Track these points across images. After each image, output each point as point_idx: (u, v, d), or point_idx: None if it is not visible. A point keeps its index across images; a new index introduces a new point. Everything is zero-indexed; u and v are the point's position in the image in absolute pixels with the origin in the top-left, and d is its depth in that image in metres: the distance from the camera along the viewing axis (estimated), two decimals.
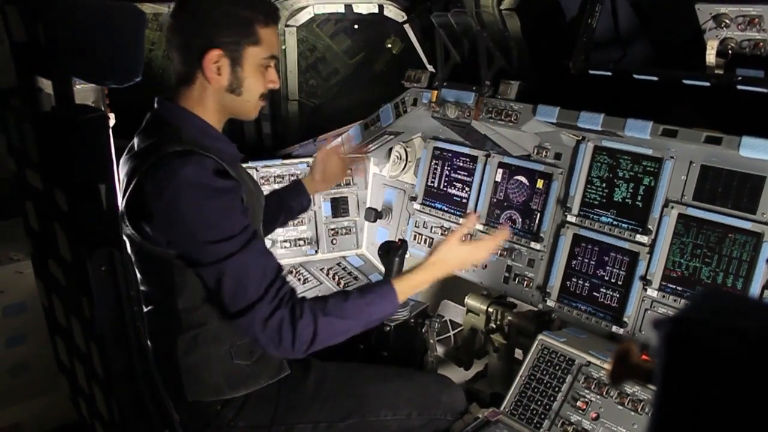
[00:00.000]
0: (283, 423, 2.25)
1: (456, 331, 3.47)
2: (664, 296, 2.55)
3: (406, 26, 3.44)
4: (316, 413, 2.27)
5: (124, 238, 2.07)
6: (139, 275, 2.16)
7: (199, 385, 2.17)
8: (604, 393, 2.41)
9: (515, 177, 3.12)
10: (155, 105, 2.20)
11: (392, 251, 2.59)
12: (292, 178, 3.68)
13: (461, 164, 3.37)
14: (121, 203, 2.06)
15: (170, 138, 2.05)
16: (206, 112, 2.18)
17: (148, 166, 1.98)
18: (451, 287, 3.75)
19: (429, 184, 3.51)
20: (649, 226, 2.62)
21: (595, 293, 2.77)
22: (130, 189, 2.02)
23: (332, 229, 3.79)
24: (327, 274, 3.65)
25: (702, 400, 0.79)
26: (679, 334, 0.83)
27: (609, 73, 2.61)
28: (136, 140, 2.17)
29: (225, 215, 2.01)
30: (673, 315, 0.85)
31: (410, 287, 2.24)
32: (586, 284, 2.81)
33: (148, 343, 2.10)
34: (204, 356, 2.14)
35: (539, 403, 2.51)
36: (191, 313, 2.10)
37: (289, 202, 2.95)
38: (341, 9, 3.98)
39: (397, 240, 2.65)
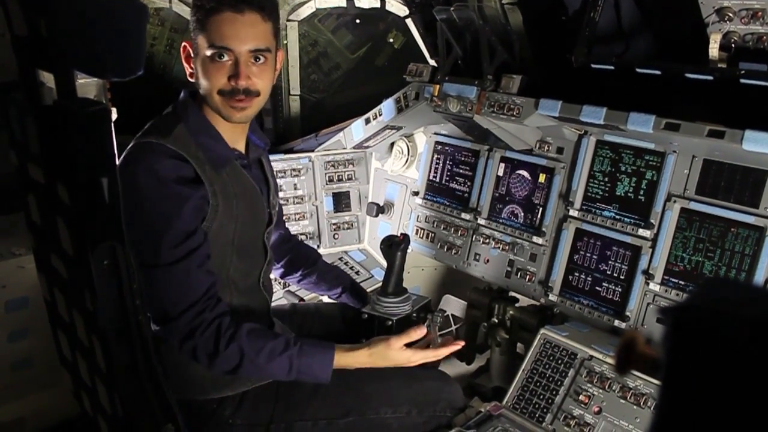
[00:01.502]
0: (282, 420, 2.24)
1: (458, 325, 3.47)
2: (666, 290, 2.55)
3: (408, 20, 3.44)
4: (315, 410, 2.26)
5: None
6: None
7: (186, 383, 2.16)
8: (607, 387, 2.40)
9: (517, 171, 3.11)
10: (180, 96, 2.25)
11: (394, 246, 2.59)
12: (294, 173, 3.68)
13: (463, 159, 3.36)
14: None
15: (160, 128, 2.12)
16: (209, 111, 2.19)
17: (126, 150, 2.08)
18: (453, 282, 3.76)
19: (431, 178, 3.50)
20: (652, 221, 2.61)
21: (597, 287, 2.77)
22: None
23: (334, 224, 3.79)
24: None
25: (708, 388, 0.79)
26: (685, 322, 0.82)
27: (611, 67, 2.60)
28: None
29: (164, 221, 1.99)
30: (680, 303, 0.85)
31: (347, 364, 2.25)
32: (588, 278, 2.80)
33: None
34: (183, 357, 2.11)
35: (541, 397, 2.51)
36: None
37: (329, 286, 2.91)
38: (343, 3, 3.99)
39: (399, 235, 2.64)
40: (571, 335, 2.60)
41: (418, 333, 2.39)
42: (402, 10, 3.44)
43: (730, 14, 2.21)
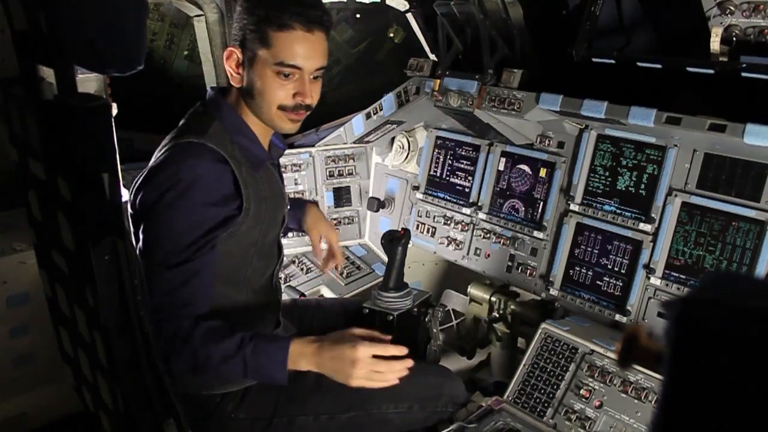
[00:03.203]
0: (284, 415, 2.24)
1: (459, 320, 3.47)
2: (667, 285, 2.55)
3: (409, 15, 3.42)
4: (317, 405, 2.26)
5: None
6: None
7: (189, 378, 2.16)
8: (608, 381, 2.41)
9: (518, 166, 3.11)
10: (207, 95, 2.25)
11: (395, 241, 2.59)
12: (295, 168, 3.68)
13: (464, 153, 3.36)
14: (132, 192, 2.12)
15: (195, 127, 2.12)
16: (246, 114, 2.19)
17: (163, 150, 2.09)
18: (454, 277, 3.76)
19: (432, 173, 3.50)
20: (653, 215, 2.61)
21: (598, 282, 2.77)
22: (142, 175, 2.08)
23: (335, 219, 3.79)
24: None
25: (712, 382, 0.79)
26: (689, 314, 0.82)
27: (612, 61, 2.60)
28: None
29: (184, 223, 2.01)
30: (683, 296, 0.85)
31: (299, 365, 2.05)
32: (589, 273, 2.80)
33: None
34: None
35: (542, 391, 2.51)
36: None
37: None
38: None
39: (399, 229, 2.64)
40: (572, 330, 2.60)
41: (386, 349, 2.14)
42: (402, 5, 3.43)
43: (732, 7, 2.21)
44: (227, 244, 2.12)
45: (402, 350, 2.12)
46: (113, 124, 1.46)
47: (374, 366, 2.05)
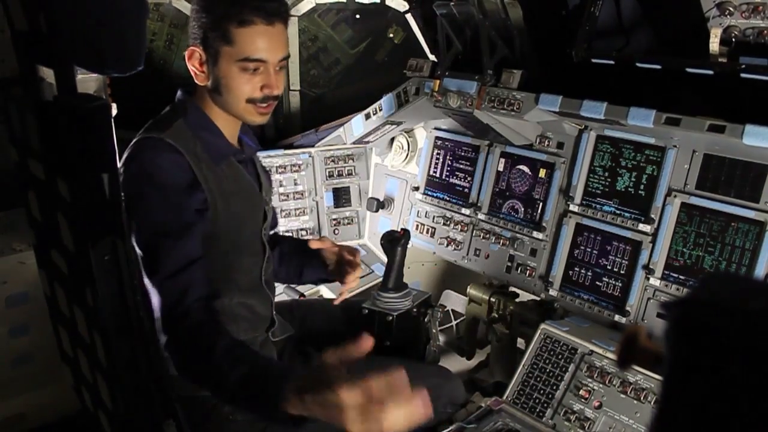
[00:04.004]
0: None
1: (458, 320, 3.48)
2: (666, 285, 2.55)
3: (408, 16, 3.43)
4: None
5: None
6: None
7: (189, 379, 2.15)
8: (607, 382, 2.41)
9: (517, 166, 3.11)
10: (176, 96, 2.26)
11: (394, 241, 2.60)
12: (294, 169, 3.68)
13: (463, 154, 3.36)
14: None
15: (159, 125, 2.14)
16: (212, 110, 2.20)
17: (128, 148, 2.12)
18: (453, 277, 3.76)
19: (431, 173, 3.50)
20: (652, 215, 2.61)
21: (597, 282, 2.77)
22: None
23: (334, 219, 3.79)
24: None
25: (712, 383, 0.79)
26: (688, 316, 0.82)
27: (612, 62, 2.60)
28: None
29: (159, 211, 2.02)
30: (682, 297, 0.85)
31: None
32: (588, 273, 2.81)
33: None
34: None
35: (542, 392, 2.51)
36: None
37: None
38: None
39: (399, 230, 2.65)
40: (571, 330, 2.60)
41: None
42: (402, 5, 3.43)
43: (731, 8, 2.21)
44: (204, 245, 2.11)
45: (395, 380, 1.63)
46: (113, 124, 1.46)
47: (369, 411, 1.54)
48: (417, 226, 3.52)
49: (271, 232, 2.61)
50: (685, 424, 0.83)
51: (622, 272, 2.70)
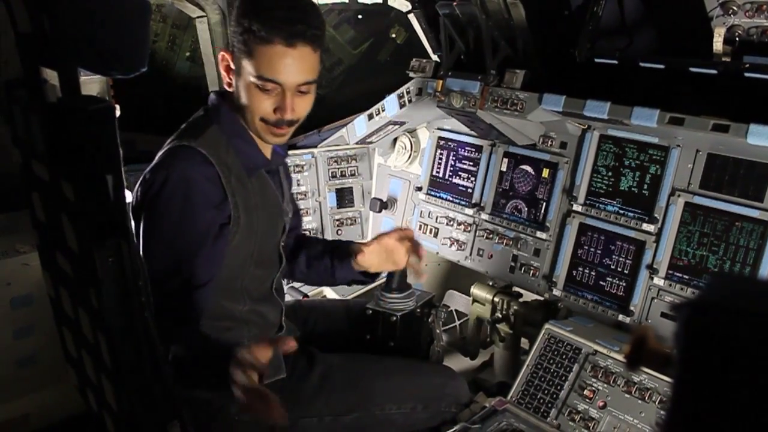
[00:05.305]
0: (288, 417, 2.23)
1: (462, 321, 3.48)
2: (670, 285, 2.55)
3: (411, 16, 3.42)
4: (320, 407, 2.26)
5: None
6: None
7: (194, 379, 2.15)
8: (612, 382, 2.41)
9: (521, 166, 3.11)
10: (209, 99, 2.23)
11: None
12: (297, 169, 3.68)
13: (466, 154, 3.36)
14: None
15: (191, 131, 2.12)
16: (244, 119, 2.17)
17: (158, 155, 2.09)
18: (457, 277, 3.76)
19: (434, 174, 3.50)
20: (656, 215, 2.61)
21: (601, 282, 2.77)
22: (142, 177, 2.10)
23: (337, 220, 3.79)
24: None
25: (722, 384, 0.79)
26: (698, 318, 0.82)
27: (615, 62, 2.60)
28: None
29: (186, 217, 2.02)
30: (692, 299, 0.84)
31: None
32: (592, 273, 2.80)
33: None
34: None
35: (546, 392, 2.51)
36: None
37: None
38: None
39: None
40: (575, 330, 2.60)
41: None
42: (404, 6, 3.43)
43: (734, 7, 2.21)
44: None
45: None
46: (117, 125, 1.46)
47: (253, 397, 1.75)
48: (420, 226, 3.52)
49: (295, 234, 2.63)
50: (695, 426, 0.83)
51: (625, 272, 2.70)
